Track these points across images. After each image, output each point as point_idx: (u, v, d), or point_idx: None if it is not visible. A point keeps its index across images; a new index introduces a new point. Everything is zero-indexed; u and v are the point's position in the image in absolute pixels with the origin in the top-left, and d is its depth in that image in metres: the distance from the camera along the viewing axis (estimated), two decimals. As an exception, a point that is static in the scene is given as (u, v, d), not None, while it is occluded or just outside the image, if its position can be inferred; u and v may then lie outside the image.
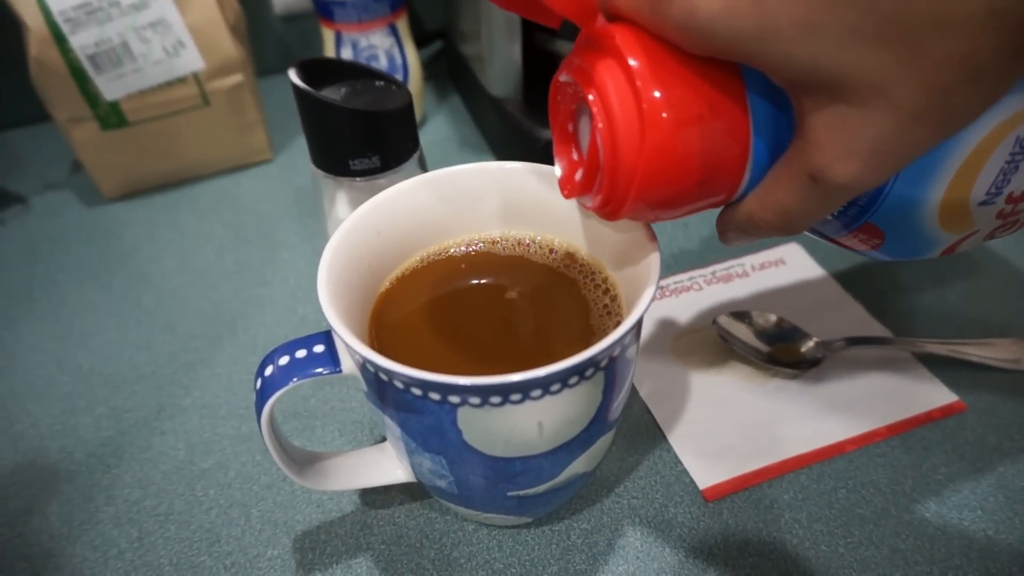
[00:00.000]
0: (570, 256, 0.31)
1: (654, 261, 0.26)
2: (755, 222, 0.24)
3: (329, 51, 0.56)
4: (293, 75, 0.36)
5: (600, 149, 0.23)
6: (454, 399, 0.23)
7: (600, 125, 0.22)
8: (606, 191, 0.24)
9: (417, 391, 0.24)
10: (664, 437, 0.37)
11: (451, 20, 0.64)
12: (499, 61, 0.53)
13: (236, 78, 0.53)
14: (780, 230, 0.23)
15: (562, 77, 0.25)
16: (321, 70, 0.37)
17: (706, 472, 0.35)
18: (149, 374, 0.42)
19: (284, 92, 0.68)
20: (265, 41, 0.68)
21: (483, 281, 0.31)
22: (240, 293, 0.47)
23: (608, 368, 0.25)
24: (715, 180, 0.23)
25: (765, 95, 0.22)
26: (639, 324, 0.25)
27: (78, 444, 0.38)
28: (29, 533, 0.35)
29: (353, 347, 0.23)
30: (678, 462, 0.36)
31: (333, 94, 0.37)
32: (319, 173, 0.38)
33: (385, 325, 0.29)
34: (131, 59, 0.49)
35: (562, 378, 0.23)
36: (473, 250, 0.32)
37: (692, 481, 0.35)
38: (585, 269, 0.31)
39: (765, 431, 0.37)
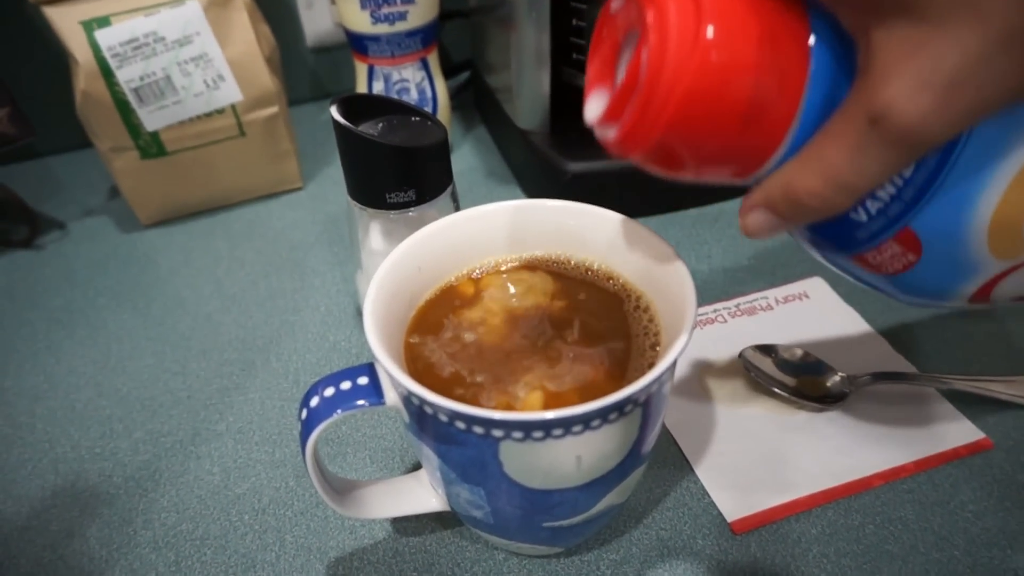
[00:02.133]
0: (609, 276, 0.32)
1: (689, 292, 0.27)
2: (793, 191, 0.21)
3: (361, 83, 0.58)
4: (334, 111, 0.37)
5: (644, 64, 0.21)
6: (497, 433, 0.24)
7: (651, 35, 0.20)
8: (638, 111, 0.21)
9: (461, 424, 0.24)
10: (691, 469, 0.37)
11: (478, 52, 0.66)
12: (527, 94, 0.54)
13: (271, 109, 0.55)
14: (822, 200, 0.20)
15: (614, 4, 0.24)
16: (359, 105, 0.39)
17: (734, 505, 0.35)
18: (185, 399, 0.43)
19: (315, 122, 0.70)
20: (297, 72, 0.70)
21: (521, 297, 0.32)
22: (272, 319, 0.48)
23: (646, 404, 0.25)
24: (757, 124, 0.21)
25: (829, 44, 0.20)
26: (675, 361, 0.25)
27: (116, 468, 0.39)
28: (70, 556, 0.35)
29: (401, 382, 0.24)
30: (705, 494, 0.36)
31: (371, 129, 0.38)
32: (355, 205, 0.40)
33: (424, 350, 0.30)
34: (173, 92, 0.51)
35: (602, 414, 0.24)
36: (511, 266, 0.33)
37: (720, 513, 0.35)
38: (623, 288, 0.31)
39: (792, 465, 0.37)
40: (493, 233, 0.33)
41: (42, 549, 0.36)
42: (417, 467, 0.38)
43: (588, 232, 0.33)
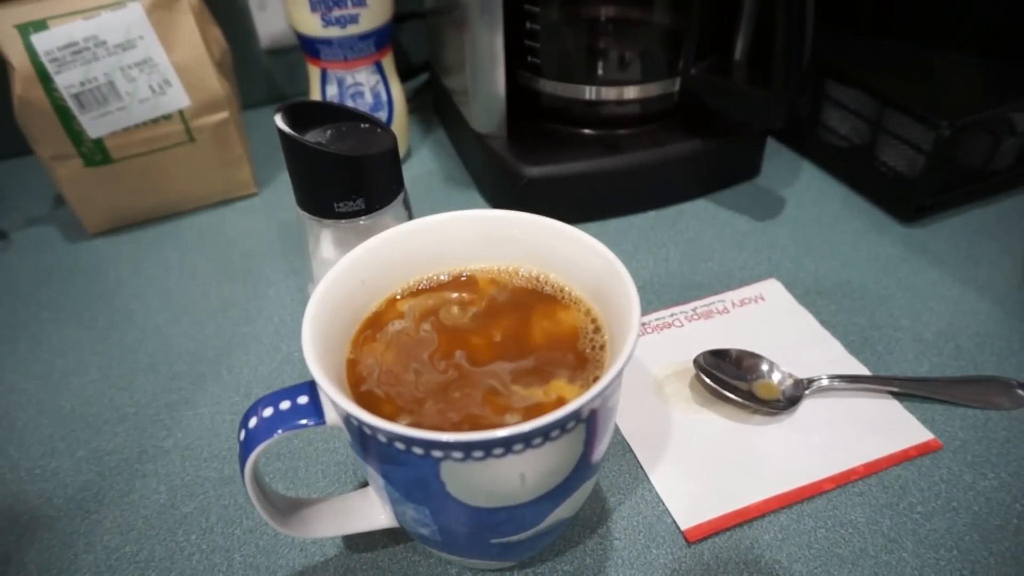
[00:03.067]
0: (557, 287, 0.32)
1: (634, 306, 0.27)
2: None
3: (315, 87, 0.57)
4: (279, 120, 0.36)
5: None
6: (437, 454, 0.23)
7: None
8: None
9: (400, 445, 0.24)
10: (646, 477, 0.37)
11: (435, 54, 0.65)
12: (482, 96, 0.54)
13: (221, 115, 0.54)
14: None
15: None
16: (306, 113, 0.38)
17: (688, 512, 0.35)
18: (131, 415, 0.42)
19: (270, 126, 0.68)
20: (251, 74, 0.69)
21: (466, 309, 0.31)
22: (224, 331, 0.47)
23: (590, 419, 0.25)
24: None
25: None
26: (619, 375, 0.25)
27: (58, 488, 0.38)
28: (7, 582, 0.34)
29: (338, 403, 0.24)
30: (660, 502, 0.36)
31: (318, 137, 0.38)
32: (304, 215, 0.39)
33: (364, 368, 0.29)
34: (117, 98, 0.49)
35: (544, 432, 0.23)
36: (457, 278, 0.33)
37: (674, 521, 0.35)
38: (571, 299, 0.31)
39: (746, 470, 0.37)
40: (439, 245, 0.32)
41: (-23, 577, 0.34)
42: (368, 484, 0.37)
43: (535, 242, 0.32)
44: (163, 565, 0.35)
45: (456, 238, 0.32)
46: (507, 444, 0.23)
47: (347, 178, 0.36)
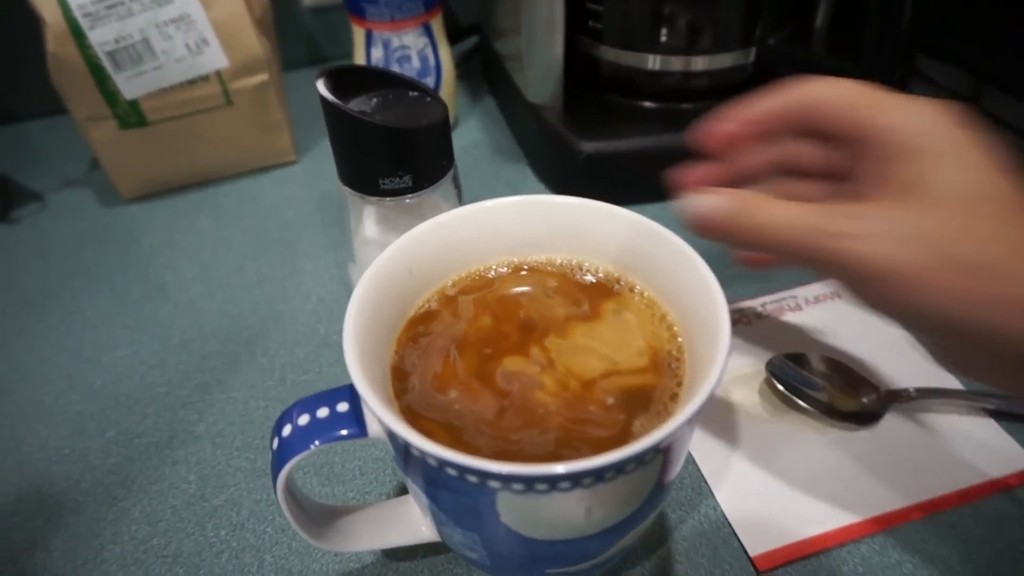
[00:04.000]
0: (627, 286, 0.28)
1: (723, 321, 0.23)
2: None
3: (359, 49, 0.53)
4: (321, 86, 0.33)
5: None
6: (494, 484, 0.20)
7: None
8: None
9: (452, 471, 0.21)
10: (711, 493, 0.34)
11: (486, 15, 0.61)
12: (538, 64, 0.50)
13: (261, 77, 0.51)
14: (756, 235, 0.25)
15: None
16: (351, 78, 0.35)
17: (757, 537, 0.32)
18: (162, 395, 0.40)
19: (311, 89, 0.65)
20: (293, 34, 0.66)
21: (526, 307, 0.28)
22: (260, 308, 0.45)
23: (667, 450, 0.22)
24: None
25: None
26: (705, 403, 0.22)
27: (86, 471, 0.36)
28: (30, 571, 0.33)
29: (384, 420, 0.21)
30: (726, 523, 0.33)
31: (363, 105, 0.34)
32: (346, 190, 0.36)
33: (410, 372, 0.26)
34: (152, 56, 0.47)
35: (619, 467, 0.20)
36: (510, 270, 0.29)
37: (741, 546, 0.32)
38: (642, 297, 0.28)
39: (823, 492, 0.34)
40: (496, 233, 0.29)
41: (2, 563, 0.33)
42: (409, 483, 0.35)
43: (605, 234, 0.29)
44: (191, 562, 0.33)
45: (515, 226, 0.29)
46: (575, 479, 0.20)
47: (394, 152, 0.33)
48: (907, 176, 0.24)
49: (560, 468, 0.19)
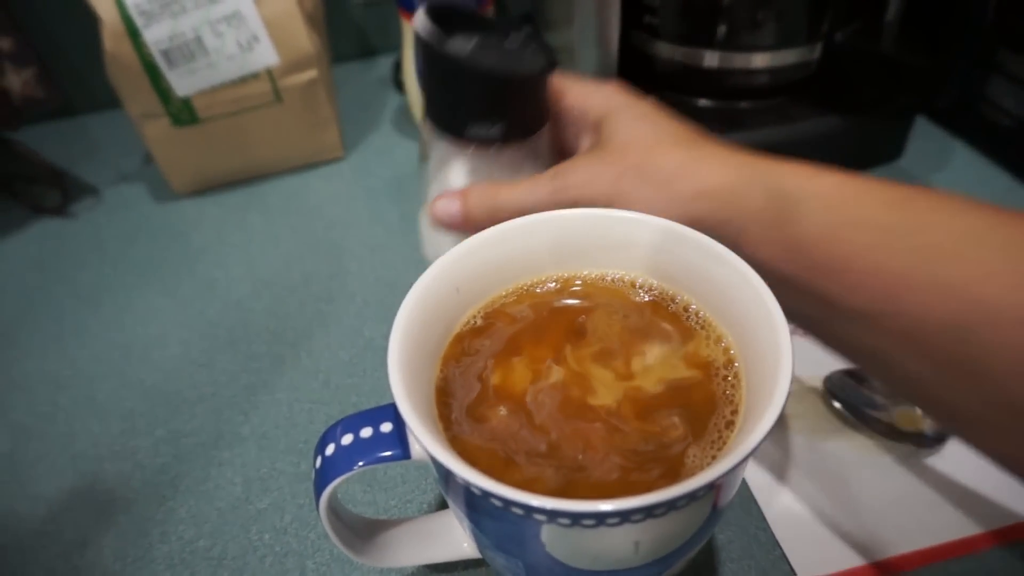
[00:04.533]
0: (679, 302, 0.27)
1: (785, 354, 0.22)
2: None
3: (407, 44, 0.53)
4: (420, 22, 0.31)
5: None
6: (540, 517, 0.20)
7: None
8: None
9: (497, 502, 0.20)
10: (761, 513, 0.33)
11: (538, 6, 0.60)
12: (591, 59, 0.48)
13: (311, 74, 0.51)
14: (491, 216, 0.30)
15: None
16: (455, 19, 0.32)
17: (809, 561, 0.31)
18: (210, 395, 0.40)
19: (361, 82, 0.65)
20: (343, 26, 0.66)
21: (575, 325, 0.27)
22: (305, 308, 0.45)
23: (720, 487, 0.21)
24: None
25: None
26: (766, 437, 0.21)
27: (135, 469, 0.37)
28: (83, 567, 0.33)
29: (428, 448, 0.20)
30: (776, 545, 0.32)
31: (462, 45, 0.32)
32: (429, 130, 0.34)
33: (455, 392, 0.25)
34: (204, 54, 0.47)
35: (670, 504, 0.19)
36: (559, 285, 0.28)
37: (792, 570, 0.31)
38: (697, 318, 0.26)
39: (880, 516, 0.32)
40: (545, 246, 0.28)
41: (55, 558, 0.34)
42: (452, 493, 0.34)
43: (661, 250, 0.27)
44: (236, 564, 0.33)
45: (565, 239, 0.28)
46: (624, 516, 0.19)
47: (486, 97, 0.31)
48: (603, 135, 0.30)
49: (608, 506, 0.18)
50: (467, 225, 0.31)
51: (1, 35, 0.46)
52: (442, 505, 0.34)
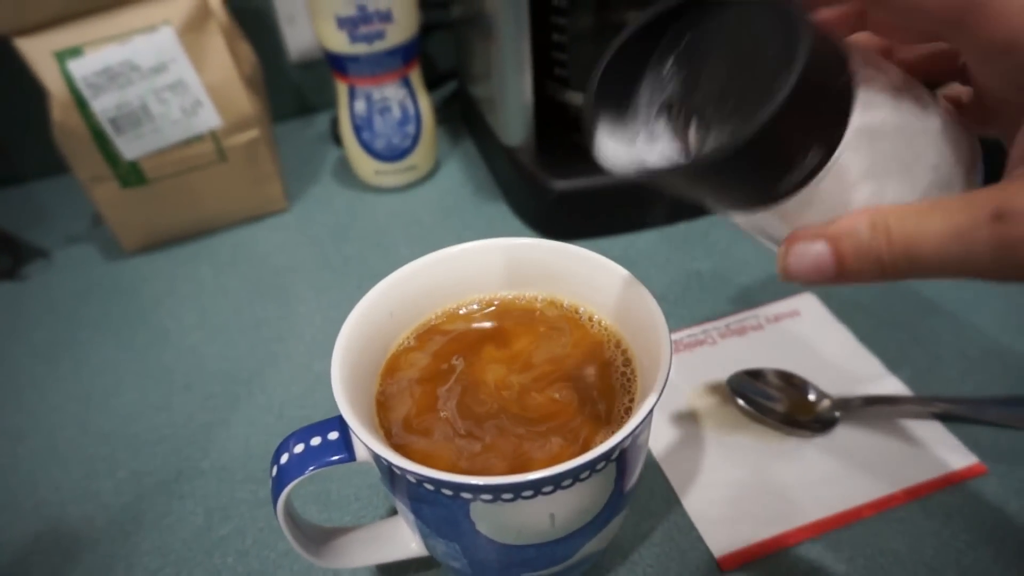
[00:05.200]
0: (582, 312, 0.31)
1: (664, 344, 0.26)
2: (862, 233, 0.19)
3: (343, 102, 0.57)
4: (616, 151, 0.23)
5: None
6: (466, 495, 0.23)
7: None
8: None
9: (430, 486, 0.24)
10: (679, 501, 0.37)
11: (462, 63, 0.65)
12: (510, 108, 0.53)
13: (252, 133, 0.54)
14: (880, 260, 0.19)
15: None
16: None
17: (722, 539, 0.35)
18: (168, 436, 0.43)
19: (300, 138, 0.69)
20: (280, 87, 0.70)
21: (494, 339, 0.31)
22: (257, 350, 0.48)
23: (620, 458, 0.25)
24: None
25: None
26: (649, 414, 0.25)
27: (99, 510, 0.39)
28: (51, 604, 0.35)
29: (368, 444, 0.24)
30: (693, 528, 0.36)
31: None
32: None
33: (393, 401, 0.29)
34: (150, 120, 0.50)
35: (573, 474, 0.23)
36: (480, 307, 0.32)
37: (707, 548, 0.35)
38: (597, 324, 0.31)
39: (781, 495, 0.36)
40: (466, 274, 0.32)
41: (24, 598, 0.35)
42: (401, 505, 0.37)
43: (562, 270, 0.32)
44: (200, 588, 0.35)
45: (485, 267, 0.32)
46: (536, 487, 0.23)
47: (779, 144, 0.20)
48: None
49: (521, 477, 0.22)
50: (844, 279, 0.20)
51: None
52: (395, 513, 0.37)
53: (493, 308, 0.32)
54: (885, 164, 0.21)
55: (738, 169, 0.20)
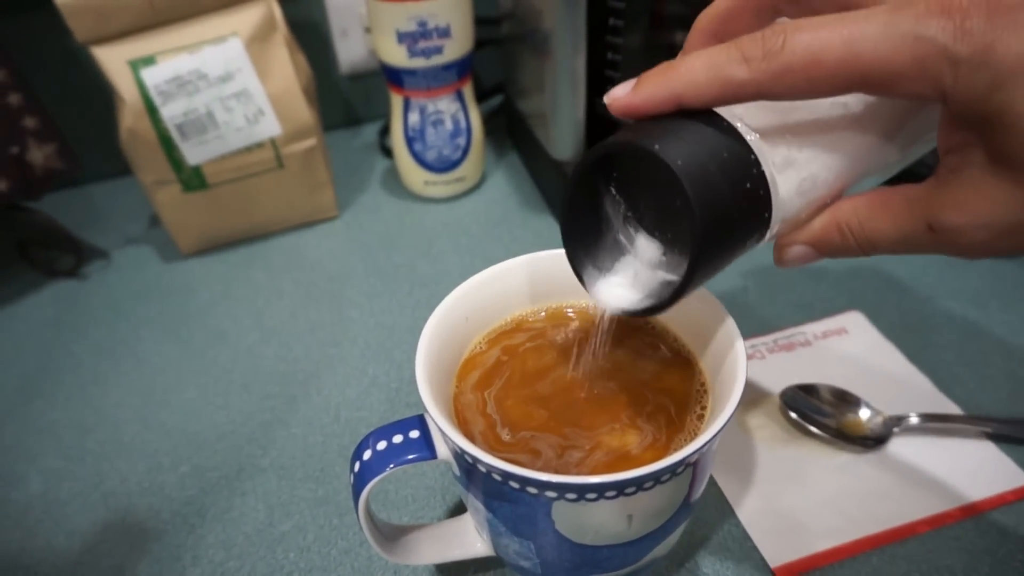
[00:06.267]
0: (658, 328, 0.32)
1: (739, 354, 0.27)
2: (834, 238, 0.25)
3: (397, 114, 0.59)
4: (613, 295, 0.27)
5: None
6: (551, 494, 0.24)
7: None
8: None
9: (515, 484, 0.25)
10: (733, 512, 0.37)
11: (510, 78, 0.66)
12: (561, 124, 0.55)
13: (310, 142, 0.56)
14: (852, 252, 0.25)
15: None
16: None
17: (777, 550, 0.35)
18: (228, 433, 0.44)
19: (348, 147, 0.71)
20: (331, 98, 0.71)
21: (571, 346, 0.32)
22: (312, 352, 0.49)
23: (696, 464, 0.26)
24: None
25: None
26: (728, 422, 0.25)
27: (164, 503, 0.40)
28: (121, 592, 0.36)
29: (454, 440, 0.25)
30: (747, 538, 0.36)
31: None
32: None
33: (470, 401, 0.30)
34: (215, 127, 0.52)
35: (655, 477, 0.24)
36: (553, 311, 0.33)
37: (762, 558, 0.35)
38: (673, 341, 0.32)
39: (835, 508, 0.37)
40: (541, 282, 0.33)
41: (94, 586, 0.37)
42: (460, 507, 0.38)
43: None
44: (265, 582, 0.36)
45: (558, 275, 0.33)
46: (620, 488, 0.24)
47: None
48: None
49: (608, 478, 0.23)
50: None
51: (28, 115, 0.51)
52: (452, 515, 0.38)
53: (569, 313, 0.33)
54: (823, 170, 0.25)
55: (707, 274, 0.24)
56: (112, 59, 0.49)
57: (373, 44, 0.55)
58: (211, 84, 0.51)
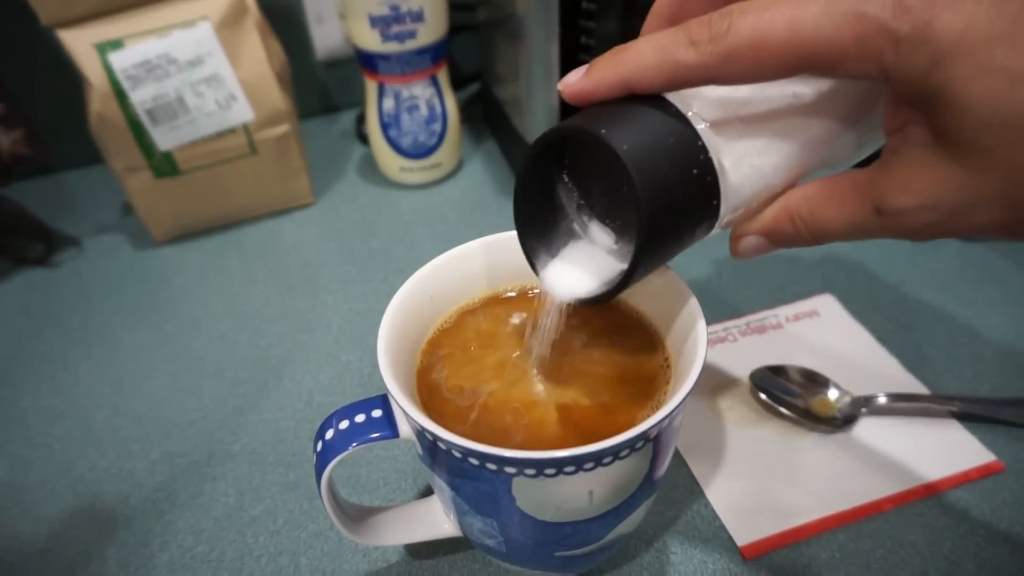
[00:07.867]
0: (618, 300, 0.32)
1: (700, 331, 0.27)
2: (786, 228, 0.24)
3: (371, 100, 0.58)
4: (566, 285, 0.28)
5: None
6: (510, 470, 0.24)
7: None
8: None
9: (474, 460, 0.25)
10: (702, 492, 0.37)
11: (487, 65, 0.66)
12: (536, 109, 0.54)
13: (283, 127, 0.55)
14: (805, 242, 0.24)
15: None
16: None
17: (744, 529, 0.36)
18: (200, 419, 0.44)
19: (325, 135, 0.70)
20: (307, 85, 0.71)
21: (533, 323, 0.32)
22: (285, 339, 0.49)
23: (656, 439, 0.26)
24: None
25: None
26: (686, 398, 0.26)
27: (133, 489, 0.40)
28: (89, 577, 0.36)
29: (414, 417, 0.25)
30: (716, 517, 0.36)
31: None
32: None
33: (432, 381, 0.30)
34: (186, 112, 0.51)
35: (614, 452, 0.24)
36: (518, 294, 0.33)
37: (730, 537, 0.35)
38: (637, 317, 0.32)
39: (802, 487, 0.37)
40: (505, 262, 0.33)
41: (60, 572, 0.36)
42: (430, 490, 0.38)
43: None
44: (234, 566, 0.36)
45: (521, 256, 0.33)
46: (578, 462, 0.24)
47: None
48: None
49: (565, 453, 0.23)
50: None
51: (-6, 100, 0.50)
52: (422, 497, 0.38)
53: (532, 295, 0.33)
54: (774, 158, 0.25)
55: (655, 261, 0.25)
56: (78, 43, 0.48)
57: (347, 29, 0.55)
58: (181, 69, 0.50)
